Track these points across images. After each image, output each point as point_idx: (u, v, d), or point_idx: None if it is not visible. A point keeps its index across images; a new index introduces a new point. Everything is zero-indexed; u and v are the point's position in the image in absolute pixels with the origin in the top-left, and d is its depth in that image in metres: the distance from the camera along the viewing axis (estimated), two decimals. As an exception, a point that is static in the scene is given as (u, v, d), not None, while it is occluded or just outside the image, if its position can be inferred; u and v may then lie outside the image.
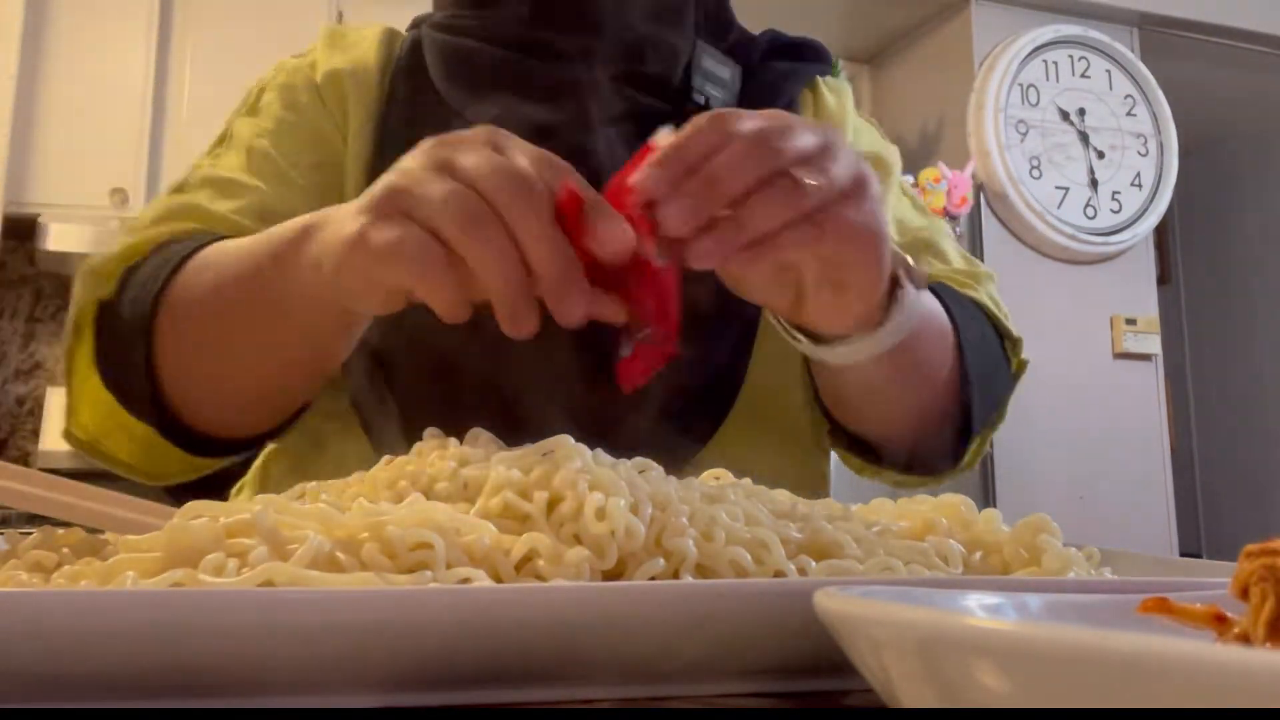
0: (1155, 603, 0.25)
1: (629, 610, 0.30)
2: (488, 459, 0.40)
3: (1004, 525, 0.44)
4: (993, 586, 0.31)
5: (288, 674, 0.29)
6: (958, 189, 2.78)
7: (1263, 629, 0.23)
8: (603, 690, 0.31)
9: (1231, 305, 4.04)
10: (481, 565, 0.33)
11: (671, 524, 0.36)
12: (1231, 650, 0.16)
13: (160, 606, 0.27)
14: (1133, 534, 2.83)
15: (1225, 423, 4.00)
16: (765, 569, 0.36)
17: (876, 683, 0.23)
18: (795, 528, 0.39)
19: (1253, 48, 3.37)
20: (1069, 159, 3.00)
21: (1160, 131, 3.10)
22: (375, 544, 0.33)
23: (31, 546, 0.39)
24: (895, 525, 0.43)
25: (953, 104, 3.05)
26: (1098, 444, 2.89)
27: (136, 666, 0.27)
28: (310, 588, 0.30)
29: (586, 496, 0.36)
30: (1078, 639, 0.17)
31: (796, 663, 0.32)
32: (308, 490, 0.41)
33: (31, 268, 2.77)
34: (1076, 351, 2.93)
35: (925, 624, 0.20)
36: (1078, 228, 2.94)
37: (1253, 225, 3.99)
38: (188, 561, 0.32)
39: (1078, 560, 0.41)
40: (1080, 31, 3.07)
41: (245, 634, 0.27)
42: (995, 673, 0.18)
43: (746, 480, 0.46)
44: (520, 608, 0.29)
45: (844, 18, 3.25)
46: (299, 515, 0.34)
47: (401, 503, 0.36)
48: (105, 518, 0.43)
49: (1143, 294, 3.07)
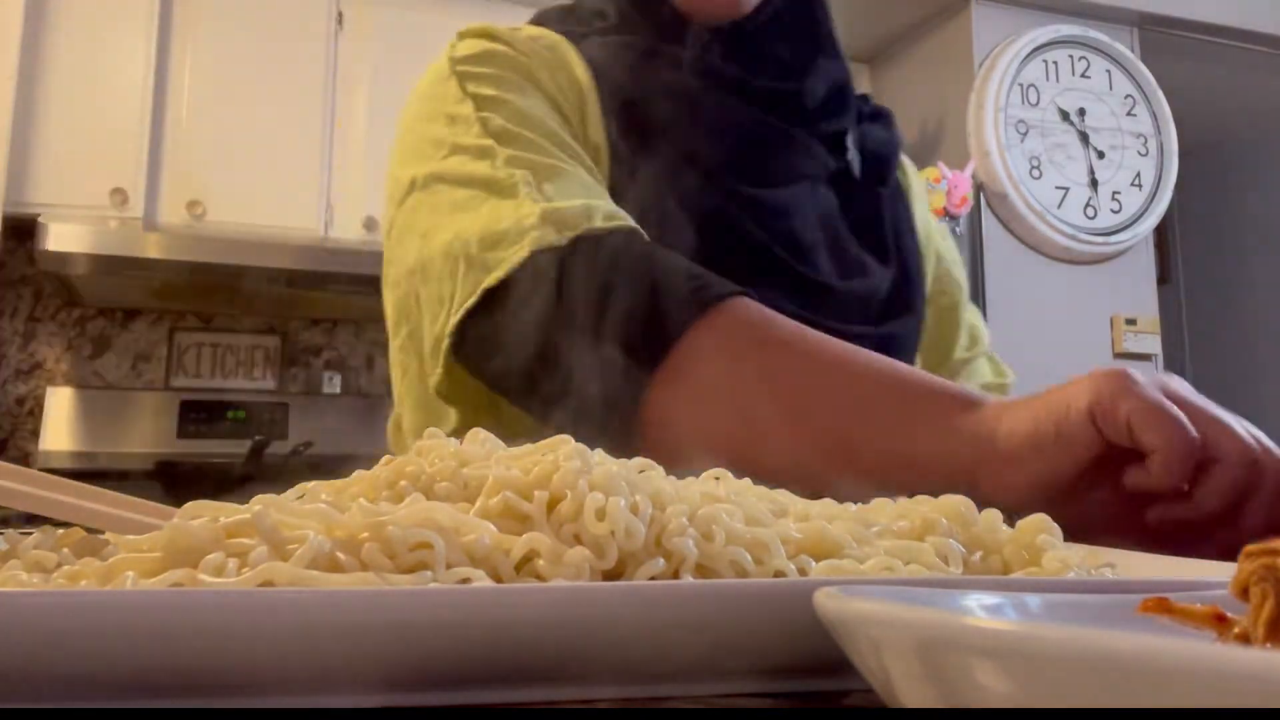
0: (1155, 603, 0.25)
1: (629, 610, 0.30)
2: (488, 459, 0.40)
3: (1004, 525, 0.44)
4: (993, 586, 0.31)
5: (288, 674, 0.29)
6: (958, 189, 2.78)
7: (1263, 629, 0.23)
8: (603, 690, 0.31)
9: (1231, 305, 4.04)
10: (481, 565, 0.33)
11: (671, 524, 0.36)
12: (1231, 650, 0.16)
13: (160, 606, 0.27)
14: (1133, 534, 2.83)
15: (1225, 423, 3.99)
16: (765, 569, 0.36)
17: (876, 683, 0.23)
18: (795, 528, 0.39)
19: (1253, 48, 3.37)
20: (1069, 159, 3.00)
21: (1160, 132, 3.10)
22: (375, 544, 0.33)
23: (31, 546, 0.39)
24: (895, 525, 0.43)
25: (953, 104, 3.05)
26: (1098, 444, 2.89)
27: (136, 666, 0.27)
28: (310, 588, 0.30)
29: (586, 496, 0.36)
30: (1078, 639, 0.17)
31: (796, 663, 0.32)
32: (308, 490, 0.41)
33: (31, 268, 2.76)
34: (1076, 351, 2.93)
35: (925, 624, 0.20)
36: (1078, 228, 2.94)
37: (1252, 225, 3.99)
38: (188, 561, 0.32)
39: (1078, 560, 0.41)
40: (1080, 31, 3.07)
41: (245, 634, 0.27)
42: (995, 673, 0.18)
43: (746, 480, 0.46)
44: (520, 608, 0.29)
45: (844, 18, 3.23)
46: (299, 515, 0.34)
47: (401, 502, 0.36)
48: (105, 518, 0.43)
49: (1143, 294, 3.07)
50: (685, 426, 0.56)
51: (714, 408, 0.56)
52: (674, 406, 0.56)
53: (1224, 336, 4.06)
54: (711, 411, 0.56)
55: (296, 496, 0.40)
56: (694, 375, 0.56)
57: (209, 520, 0.34)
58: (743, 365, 0.56)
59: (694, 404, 0.56)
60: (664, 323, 0.56)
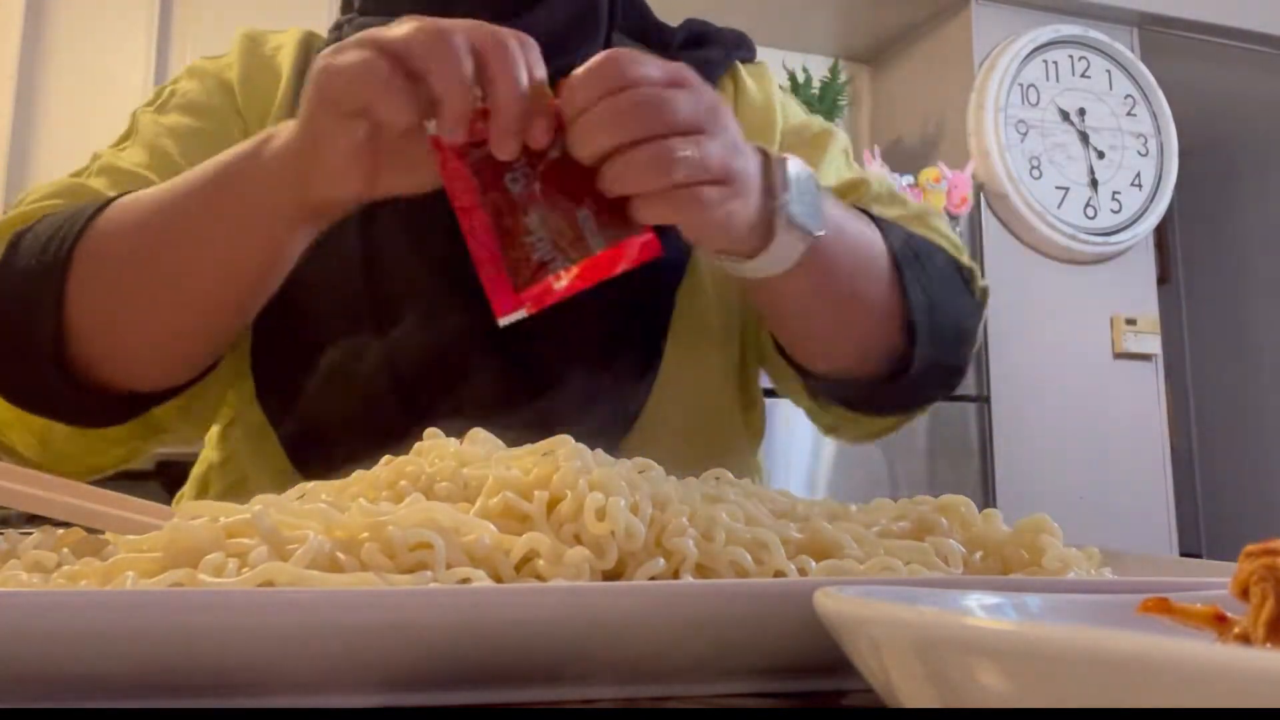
0: (1155, 603, 0.25)
1: (629, 610, 0.30)
2: (488, 459, 0.40)
3: (1004, 525, 0.44)
4: (993, 586, 0.31)
5: (288, 674, 0.29)
6: (958, 189, 2.78)
7: (1263, 629, 0.23)
8: (603, 690, 0.31)
9: (1231, 305, 4.04)
10: (481, 565, 0.33)
11: (671, 524, 0.36)
12: (1231, 650, 0.16)
13: (160, 606, 0.27)
14: (1133, 534, 2.83)
15: (1225, 423, 4.00)
16: (765, 569, 0.36)
17: (876, 683, 0.23)
18: (795, 528, 0.39)
19: (1253, 48, 3.37)
20: (1069, 159, 3.00)
21: (1160, 131, 3.10)
22: (375, 544, 0.33)
23: (31, 546, 0.39)
24: (895, 525, 0.43)
25: (953, 104, 3.04)
26: (1098, 444, 2.89)
27: (136, 666, 0.27)
28: (310, 588, 0.30)
29: (586, 496, 0.36)
30: (1078, 639, 0.17)
31: (796, 663, 0.32)
32: (308, 490, 0.41)
33: (31, 268, 2.77)
34: (1076, 351, 2.93)
35: (925, 624, 0.20)
36: (1078, 228, 2.94)
37: (1253, 225, 3.99)
38: (188, 561, 0.32)
39: (1078, 560, 0.41)
40: (1080, 31, 3.07)
41: (245, 634, 0.27)
42: (995, 673, 0.18)
43: (746, 480, 0.46)
44: (520, 608, 0.29)
45: (844, 18, 3.25)
46: (299, 515, 0.34)
47: (401, 503, 0.36)
48: (105, 518, 0.43)
49: (1143, 294, 3.07)
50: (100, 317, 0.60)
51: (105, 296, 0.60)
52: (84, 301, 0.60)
53: (1224, 336, 4.06)
54: (105, 291, 0.60)
55: (296, 496, 0.40)
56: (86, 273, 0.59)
57: (209, 520, 0.34)
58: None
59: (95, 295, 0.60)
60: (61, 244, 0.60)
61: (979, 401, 2.79)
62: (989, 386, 2.80)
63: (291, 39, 0.80)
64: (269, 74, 0.77)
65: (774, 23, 3.22)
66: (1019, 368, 2.84)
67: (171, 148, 0.73)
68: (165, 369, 0.64)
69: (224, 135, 0.74)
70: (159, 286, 0.60)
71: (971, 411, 2.78)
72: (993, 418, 2.79)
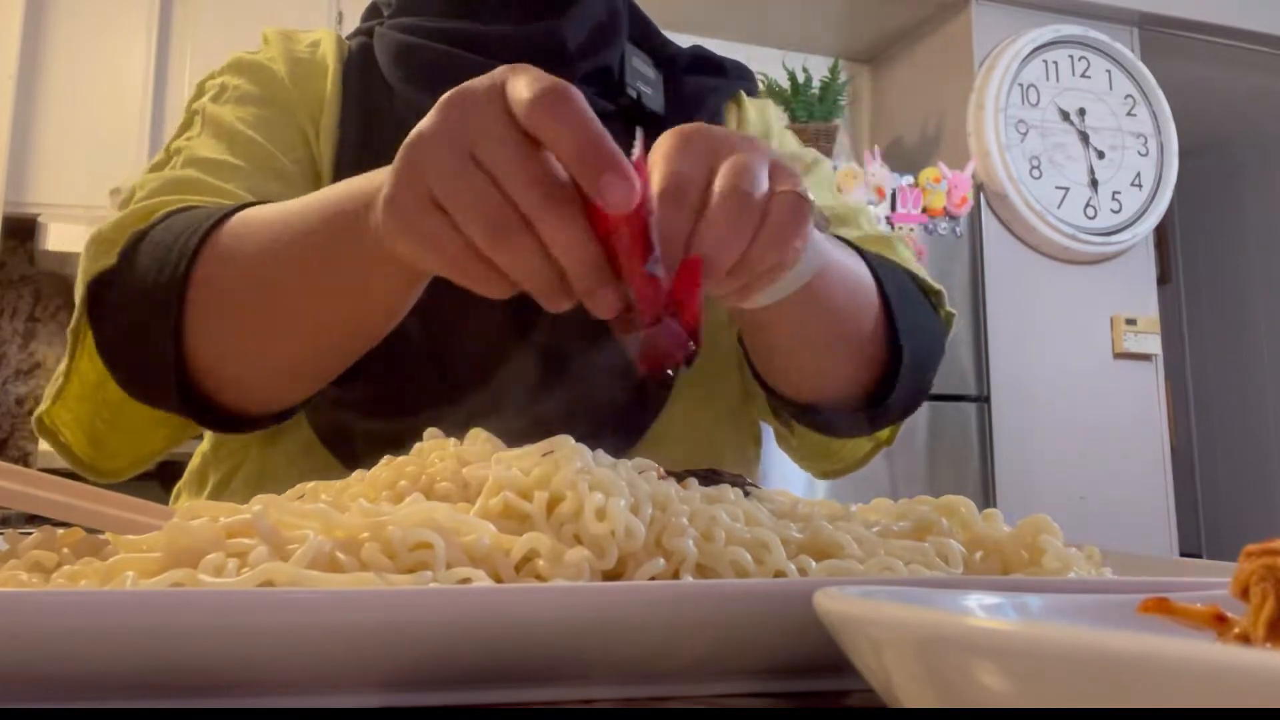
0: (1155, 603, 0.25)
1: (629, 610, 0.30)
2: (488, 459, 0.40)
3: (1004, 525, 0.44)
4: (993, 586, 0.31)
5: (288, 674, 0.29)
6: (958, 189, 2.78)
7: (1263, 629, 0.23)
8: (603, 690, 0.31)
9: (1231, 305, 4.04)
10: (481, 565, 0.33)
11: (671, 524, 0.36)
12: (1231, 650, 0.16)
13: (160, 606, 0.27)
14: (1133, 534, 2.83)
15: (1225, 423, 4.00)
16: (765, 569, 0.36)
17: (876, 683, 0.23)
18: (795, 528, 0.39)
19: (1253, 48, 3.37)
20: (1069, 159, 3.00)
21: (1160, 131, 3.10)
22: (375, 544, 0.33)
23: (31, 546, 0.39)
24: (895, 525, 0.43)
25: (953, 104, 3.05)
26: (1098, 444, 2.89)
27: (136, 666, 0.27)
28: (310, 588, 0.30)
29: (586, 496, 0.36)
30: (1078, 639, 0.17)
31: (796, 663, 0.32)
32: (307, 490, 0.41)
33: (31, 268, 2.77)
34: (1076, 351, 2.94)
35: (925, 624, 0.20)
36: (1078, 228, 2.94)
37: (1253, 225, 3.99)
38: (188, 561, 0.32)
39: (1078, 560, 0.41)
40: (1080, 31, 3.08)
41: (245, 634, 0.27)
42: (995, 673, 0.18)
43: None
44: (520, 608, 0.29)
45: (844, 18, 3.25)
46: (299, 515, 0.34)
47: (401, 503, 0.36)
48: (105, 518, 0.43)
49: (1143, 294, 3.07)
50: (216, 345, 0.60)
51: (222, 320, 0.60)
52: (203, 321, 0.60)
53: (1224, 336, 4.06)
54: (223, 322, 0.60)
55: (296, 496, 0.40)
56: (206, 291, 0.59)
57: (209, 520, 0.34)
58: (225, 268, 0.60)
59: (213, 318, 0.60)
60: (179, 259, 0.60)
61: (979, 401, 2.79)
62: (989, 386, 2.80)
63: (328, 37, 0.81)
64: (314, 67, 0.78)
65: (774, 23, 3.23)
66: (1019, 368, 2.85)
67: (251, 132, 0.73)
68: (281, 398, 0.64)
69: (290, 123, 0.75)
70: (280, 326, 0.59)
71: (971, 411, 2.78)
72: (993, 418, 2.79)
